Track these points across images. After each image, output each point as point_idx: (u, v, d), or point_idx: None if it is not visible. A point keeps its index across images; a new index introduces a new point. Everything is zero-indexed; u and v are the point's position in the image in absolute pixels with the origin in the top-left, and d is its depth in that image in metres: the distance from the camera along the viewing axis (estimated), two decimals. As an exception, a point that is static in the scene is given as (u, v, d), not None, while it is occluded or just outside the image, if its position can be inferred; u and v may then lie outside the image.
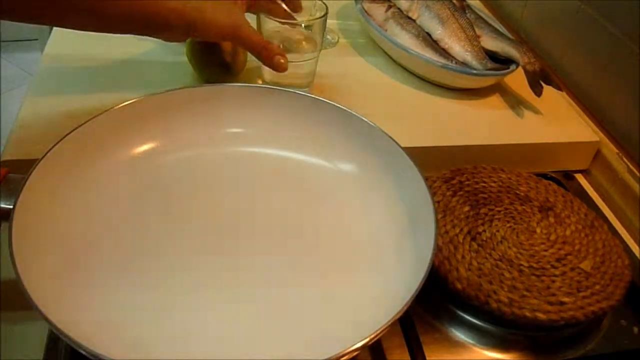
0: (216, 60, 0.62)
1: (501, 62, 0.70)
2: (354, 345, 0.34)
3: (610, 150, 0.65)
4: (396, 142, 0.49)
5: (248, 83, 0.64)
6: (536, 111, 0.69)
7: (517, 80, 0.71)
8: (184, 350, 0.38)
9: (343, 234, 0.47)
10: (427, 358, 0.43)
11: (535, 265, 0.48)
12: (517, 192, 0.55)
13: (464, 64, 0.69)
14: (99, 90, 0.61)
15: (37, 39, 1.97)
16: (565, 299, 0.45)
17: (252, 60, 0.63)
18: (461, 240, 0.49)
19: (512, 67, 0.69)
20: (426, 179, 0.45)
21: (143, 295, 0.41)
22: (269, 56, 0.56)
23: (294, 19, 0.62)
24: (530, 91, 0.68)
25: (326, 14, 0.60)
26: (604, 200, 0.64)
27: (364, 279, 0.43)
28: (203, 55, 0.62)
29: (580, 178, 0.67)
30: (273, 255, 0.45)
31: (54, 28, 0.71)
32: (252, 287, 0.42)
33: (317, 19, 0.60)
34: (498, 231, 0.50)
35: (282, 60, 0.56)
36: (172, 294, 0.41)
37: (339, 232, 0.47)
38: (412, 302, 0.36)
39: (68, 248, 0.42)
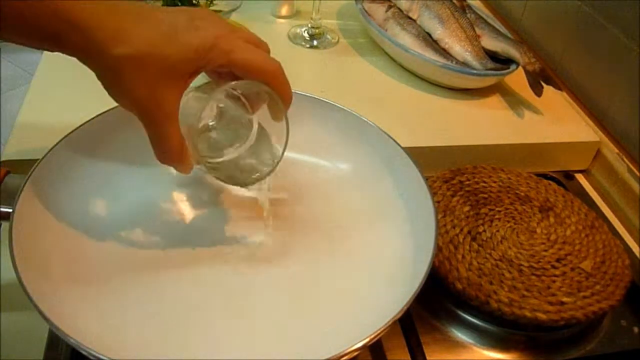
0: None
1: (501, 62, 0.70)
2: (354, 345, 0.34)
3: (610, 150, 0.65)
4: (396, 142, 0.49)
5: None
6: (536, 111, 0.69)
7: (517, 80, 0.71)
8: (184, 349, 0.38)
9: (343, 234, 0.47)
10: (427, 358, 0.43)
11: (535, 265, 0.48)
12: (517, 192, 0.55)
13: (464, 64, 0.69)
14: (100, 90, 0.61)
15: (37, 39, 1.97)
16: (566, 299, 0.45)
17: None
18: (461, 240, 0.49)
19: (512, 67, 0.69)
20: (426, 179, 0.45)
21: (144, 294, 0.41)
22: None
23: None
24: (530, 91, 0.68)
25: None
26: (604, 200, 0.64)
27: (363, 278, 0.43)
28: None
29: (580, 178, 0.67)
30: (272, 255, 0.45)
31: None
32: (251, 287, 0.42)
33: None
34: (498, 231, 0.50)
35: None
36: (173, 292, 0.41)
37: (338, 232, 0.47)
38: (412, 302, 0.36)
39: (68, 248, 0.41)
